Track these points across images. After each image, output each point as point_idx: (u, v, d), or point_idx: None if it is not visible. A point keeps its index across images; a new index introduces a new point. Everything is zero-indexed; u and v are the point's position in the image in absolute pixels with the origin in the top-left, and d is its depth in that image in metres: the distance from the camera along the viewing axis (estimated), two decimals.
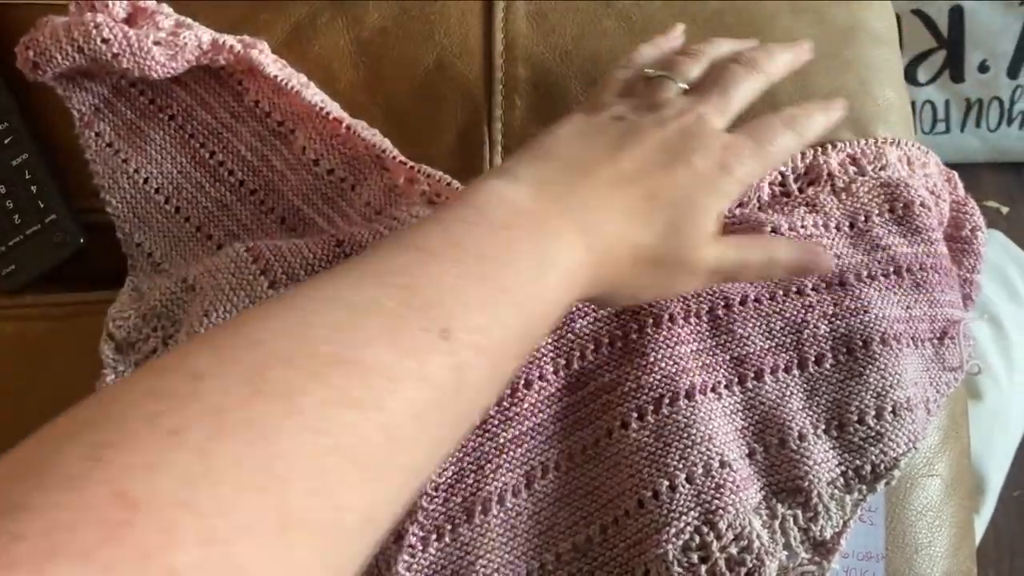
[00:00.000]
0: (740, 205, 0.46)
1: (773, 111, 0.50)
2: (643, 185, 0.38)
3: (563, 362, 0.43)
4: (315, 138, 0.46)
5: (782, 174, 0.47)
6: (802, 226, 0.45)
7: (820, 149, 0.47)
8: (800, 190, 0.47)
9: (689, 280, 0.39)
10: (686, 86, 0.43)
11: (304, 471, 0.23)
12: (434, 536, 0.41)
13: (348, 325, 0.27)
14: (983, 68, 1.13)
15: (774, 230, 0.44)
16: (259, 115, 0.48)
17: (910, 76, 1.15)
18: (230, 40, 0.45)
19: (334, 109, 0.47)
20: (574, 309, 0.43)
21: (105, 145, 0.48)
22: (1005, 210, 1.17)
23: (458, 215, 0.33)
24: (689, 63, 0.44)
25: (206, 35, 0.44)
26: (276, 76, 0.46)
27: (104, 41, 0.43)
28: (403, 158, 0.47)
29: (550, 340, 0.43)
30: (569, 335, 0.43)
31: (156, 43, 0.44)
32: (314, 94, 0.47)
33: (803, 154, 0.47)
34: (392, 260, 0.30)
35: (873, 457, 0.41)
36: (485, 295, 0.30)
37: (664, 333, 0.42)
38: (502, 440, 0.41)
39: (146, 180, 0.48)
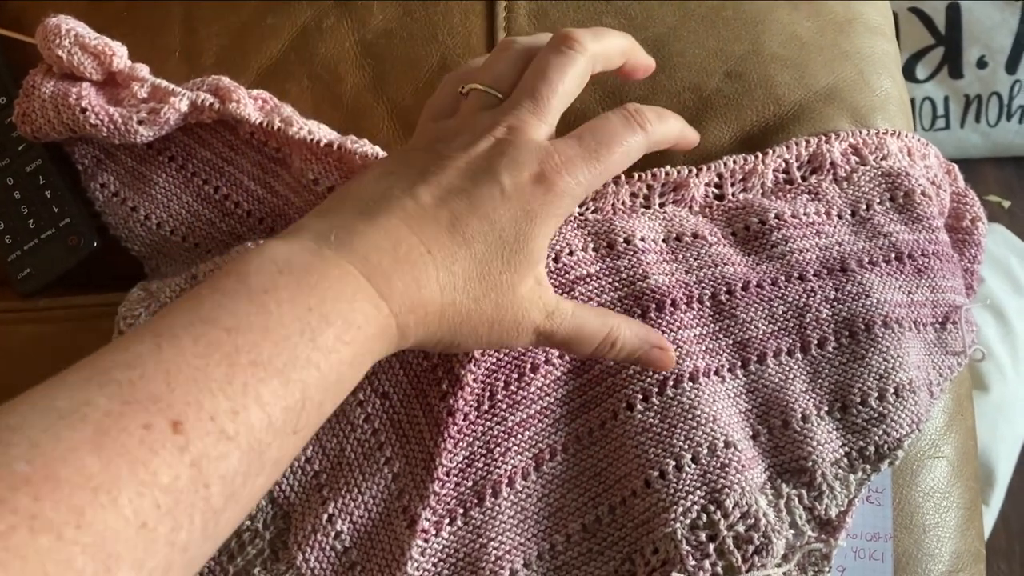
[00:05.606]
0: (744, 191, 0.47)
1: (773, 104, 0.51)
2: (442, 218, 0.32)
3: None
4: (311, 159, 0.46)
5: (786, 161, 0.47)
6: (804, 213, 0.45)
7: (824, 138, 0.48)
8: (803, 178, 0.47)
9: (514, 338, 0.35)
10: (499, 95, 0.38)
11: None
12: (447, 520, 0.41)
13: (48, 438, 0.24)
14: (981, 64, 1.14)
15: (778, 216, 0.45)
16: (256, 144, 0.48)
17: (909, 73, 1.16)
18: (208, 99, 0.45)
19: (323, 133, 0.46)
20: (578, 295, 0.43)
21: (111, 195, 0.49)
22: (1007, 204, 1.18)
23: (215, 286, 0.29)
24: (497, 62, 0.39)
25: (184, 101, 0.45)
26: (259, 122, 0.46)
27: (92, 126, 0.45)
28: None
29: None
30: None
31: (140, 122, 0.45)
32: (299, 128, 0.46)
33: (807, 142, 0.48)
34: (125, 352, 0.27)
35: (876, 438, 0.42)
36: (232, 374, 0.27)
37: (667, 318, 0.43)
38: (510, 423, 0.42)
39: (159, 225, 0.48)
